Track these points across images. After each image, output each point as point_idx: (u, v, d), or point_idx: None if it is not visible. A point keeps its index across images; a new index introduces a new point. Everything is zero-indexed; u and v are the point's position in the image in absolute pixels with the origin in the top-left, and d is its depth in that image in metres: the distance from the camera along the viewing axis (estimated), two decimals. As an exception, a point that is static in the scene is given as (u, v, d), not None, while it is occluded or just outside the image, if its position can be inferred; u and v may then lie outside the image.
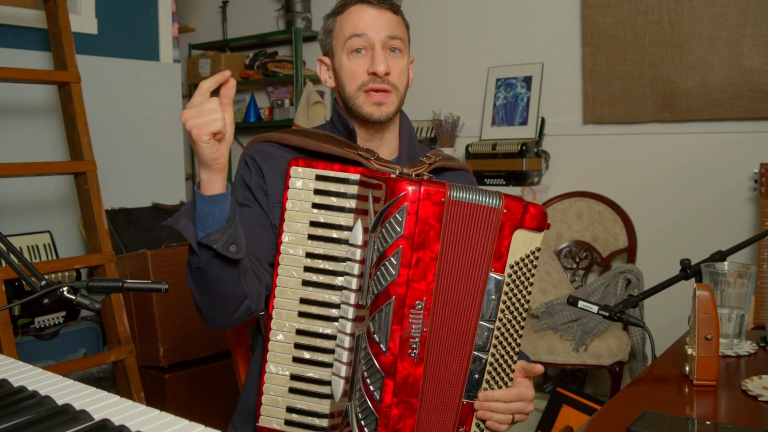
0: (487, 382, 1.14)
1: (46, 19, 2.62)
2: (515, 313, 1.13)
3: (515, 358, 1.17)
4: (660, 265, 2.97)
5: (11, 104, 2.70)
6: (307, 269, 1.19)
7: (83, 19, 2.92)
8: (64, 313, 2.61)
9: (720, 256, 1.46)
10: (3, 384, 0.97)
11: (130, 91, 3.09)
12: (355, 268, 1.14)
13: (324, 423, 1.18)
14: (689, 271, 1.46)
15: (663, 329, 2.54)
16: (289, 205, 1.20)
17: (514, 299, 1.13)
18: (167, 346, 2.57)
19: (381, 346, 1.08)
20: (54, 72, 2.56)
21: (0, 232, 1.18)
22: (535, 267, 1.13)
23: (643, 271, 2.91)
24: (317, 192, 1.20)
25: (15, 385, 0.96)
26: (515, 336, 1.15)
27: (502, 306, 1.12)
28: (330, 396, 1.17)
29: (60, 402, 0.88)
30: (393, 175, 1.13)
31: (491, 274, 1.11)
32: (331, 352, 1.18)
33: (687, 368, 1.26)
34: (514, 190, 3.31)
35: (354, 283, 1.14)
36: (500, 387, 1.15)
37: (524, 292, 1.14)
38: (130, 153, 3.08)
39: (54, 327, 2.56)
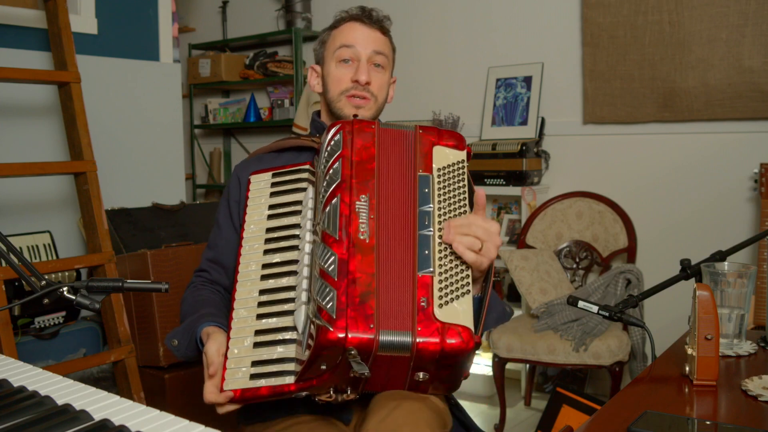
0: (441, 260, 1.21)
1: (46, 19, 2.62)
2: (450, 202, 1.27)
3: None
4: (660, 265, 2.97)
5: (11, 104, 2.70)
6: (267, 241, 1.35)
7: (83, 19, 2.91)
8: (64, 313, 2.60)
9: (720, 256, 1.46)
10: (3, 384, 0.97)
11: (130, 91, 3.08)
12: (309, 214, 1.31)
13: (290, 367, 1.19)
14: (689, 271, 1.46)
15: (663, 329, 2.54)
16: (250, 203, 1.40)
17: (449, 194, 1.28)
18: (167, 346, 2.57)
19: (333, 234, 1.19)
20: (54, 72, 2.56)
21: (0, 232, 1.18)
22: (462, 173, 1.31)
23: (643, 271, 2.91)
24: (274, 185, 1.42)
25: (15, 385, 0.96)
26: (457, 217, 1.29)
27: (437, 198, 1.26)
28: (295, 341, 1.22)
29: (60, 402, 0.88)
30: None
31: (420, 173, 1.29)
32: (293, 300, 1.25)
33: (687, 368, 1.26)
34: (514, 190, 3.31)
35: (309, 224, 1.30)
36: (453, 262, 1.22)
37: (458, 192, 1.28)
38: (130, 153, 3.08)
39: (54, 327, 2.56)
